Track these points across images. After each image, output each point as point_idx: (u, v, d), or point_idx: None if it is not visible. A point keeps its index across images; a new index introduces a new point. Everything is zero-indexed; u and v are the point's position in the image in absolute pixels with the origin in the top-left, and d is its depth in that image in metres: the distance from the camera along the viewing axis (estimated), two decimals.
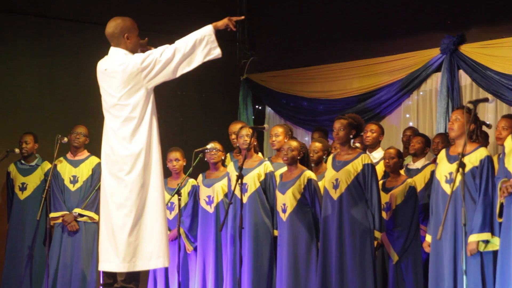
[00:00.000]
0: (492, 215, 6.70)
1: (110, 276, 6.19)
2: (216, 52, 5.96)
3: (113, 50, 6.10)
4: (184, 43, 5.90)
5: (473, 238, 6.73)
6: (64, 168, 9.28)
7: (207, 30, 5.93)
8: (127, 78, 5.94)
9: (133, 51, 6.09)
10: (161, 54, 5.91)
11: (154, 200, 6.03)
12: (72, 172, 9.26)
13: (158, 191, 6.05)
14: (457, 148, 6.96)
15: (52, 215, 9.11)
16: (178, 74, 5.96)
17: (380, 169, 8.41)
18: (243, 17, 6.12)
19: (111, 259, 6.03)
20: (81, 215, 9.11)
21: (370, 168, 7.62)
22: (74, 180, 9.25)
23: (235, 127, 9.01)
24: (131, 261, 5.98)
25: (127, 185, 5.99)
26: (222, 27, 5.98)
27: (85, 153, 9.34)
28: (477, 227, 6.72)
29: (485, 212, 6.71)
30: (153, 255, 5.99)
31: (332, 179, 7.69)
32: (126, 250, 5.97)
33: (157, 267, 6.20)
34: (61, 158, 9.32)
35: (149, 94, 6.02)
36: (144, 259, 5.99)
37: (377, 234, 7.59)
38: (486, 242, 6.76)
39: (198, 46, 5.90)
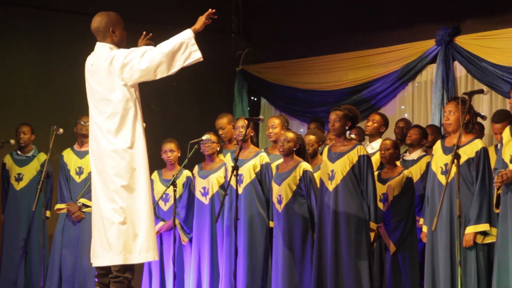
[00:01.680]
0: (490, 206, 6.71)
1: (103, 267, 6.21)
2: (197, 56, 6.00)
3: (99, 46, 6.17)
4: (165, 47, 5.94)
5: (470, 229, 6.75)
6: (70, 159, 9.28)
7: (187, 34, 5.98)
8: (111, 73, 5.98)
9: (119, 45, 6.15)
10: (142, 54, 5.94)
11: (141, 193, 6.03)
12: (78, 163, 9.27)
13: (145, 185, 6.05)
14: (452, 139, 6.96)
15: (57, 206, 9.14)
16: (158, 76, 6.01)
17: (376, 159, 8.44)
18: (214, 10, 6.10)
19: (102, 254, 6.05)
20: (86, 206, 9.11)
21: (365, 159, 7.63)
22: (79, 172, 9.25)
23: (221, 121, 8.97)
24: (120, 255, 5.99)
25: (113, 180, 6.01)
26: (201, 28, 6.05)
27: None
28: (474, 218, 6.74)
29: (482, 203, 6.73)
30: (143, 248, 6.01)
31: (327, 171, 7.69)
32: (115, 244, 5.99)
33: (147, 261, 6.21)
34: (68, 149, 9.34)
35: (132, 90, 6.04)
36: (134, 252, 6.00)
37: (373, 225, 7.61)
38: (484, 233, 6.78)
39: (178, 50, 5.94)
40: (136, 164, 6.04)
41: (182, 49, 5.95)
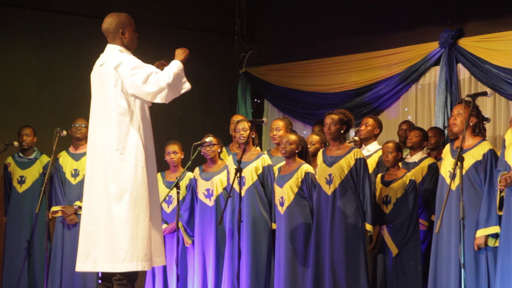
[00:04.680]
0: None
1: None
2: (187, 86, 6.15)
3: (109, 47, 6.16)
4: (167, 76, 5.98)
5: (480, 232, 6.73)
6: (66, 162, 9.29)
7: (178, 66, 6.09)
8: (114, 77, 5.97)
9: (129, 46, 6.15)
10: (148, 76, 5.95)
11: (130, 200, 5.95)
12: (74, 165, 9.28)
13: (135, 191, 5.98)
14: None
15: (53, 209, 9.13)
16: (156, 101, 6.03)
17: (372, 161, 8.46)
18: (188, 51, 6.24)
19: (85, 258, 6.00)
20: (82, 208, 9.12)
21: (362, 162, 7.70)
22: (75, 174, 9.26)
23: (238, 117, 9.07)
24: (105, 263, 5.91)
25: (103, 184, 5.97)
26: (185, 59, 6.17)
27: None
28: (483, 221, 6.72)
29: (491, 206, 6.71)
30: (126, 257, 5.89)
31: (325, 175, 7.72)
32: (100, 250, 5.93)
33: (130, 270, 6.03)
34: (63, 152, 9.34)
35: (132, 98, 6.04)
36: (118, 261, 5.90)
37: (369, 227, 7.64)
38: (496, 236, 6.76)
39: (176, 81, 6.02)
40: (129, 169, 5.98)
41: (178, 80, 6.06)
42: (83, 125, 9.19)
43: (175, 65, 6.07)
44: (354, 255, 7.56)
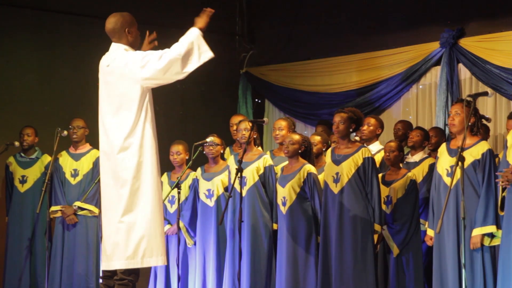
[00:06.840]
0: (497, 208, 6.70)
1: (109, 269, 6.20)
2: (208, 55, 5.96)
3: (114, 47, 6.13)
4: (179, 49, 5.88)
5: (476, 231, 6.74)
6: (66, 162, 9.30)
7: (195, 33, 5.93)
8: (124, 75, 5.96)
9: (133, 45, 6.13)
10: (160, 56, 5.89)
11: (148, 197, 5.98)
12: (73, 165, 9.28)
13: (152, 188, 6.00)
14: (458, 141, 6.96)
15: (52, 208, 9.13)
16: (174, 78, 5.95)
17: (376, 161, 8.44)
18: (213, 10, 6.04)
19: (108, 258, 6.03)
20: (82, 209, 9.12)
21: (370, 161, 7.66)
22: (75, 174, 9.26)
23: (236, 119, 9.07)
24: (122, 259, 5.94)
25: (121, 182, 5.98)
26: (206, 25, 5.98)
27: (87, 147, 9.36)
28: (480, 220, 6.72)
29: (488, 205, 6.72)
30: (146, 253, 5.94)
31: (332, 173, 7.70)
32: (119, 248, 5.95)
33: (150, 265, 6.11)
34: (63, 152, 9.34)
35: (145, 92, 6.01)
36: (137, 257, 5.95)
37: (377, 227, 7.62)
38: (491, 235, 6.76)
39: (191, 51, 5.91)
40: (144, 166, 6.01)
41: (195, 49, 5.91)
42: (78, 127, 9.21)
43: (189, 35, 5.93)
44: (362, 254, 7.54)
